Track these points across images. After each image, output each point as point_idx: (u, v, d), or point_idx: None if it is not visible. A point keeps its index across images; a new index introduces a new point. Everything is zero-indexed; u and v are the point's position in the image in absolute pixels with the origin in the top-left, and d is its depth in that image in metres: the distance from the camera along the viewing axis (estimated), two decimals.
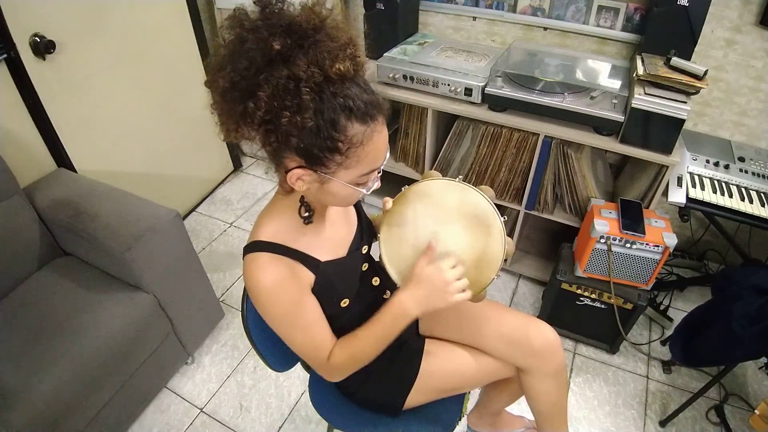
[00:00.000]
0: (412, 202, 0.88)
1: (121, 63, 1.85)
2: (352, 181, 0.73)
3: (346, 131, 0.66)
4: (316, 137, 0.66)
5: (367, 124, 0.68)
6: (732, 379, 1.69)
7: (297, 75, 0.62)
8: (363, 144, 0.68)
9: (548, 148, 1.64)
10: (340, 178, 0.72)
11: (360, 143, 0.68)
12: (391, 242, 0.90)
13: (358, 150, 0.68)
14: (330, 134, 0.66)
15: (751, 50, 1.61)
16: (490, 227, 0.86)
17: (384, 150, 0.74)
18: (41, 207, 1.49)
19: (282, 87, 0.62)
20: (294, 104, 0.63)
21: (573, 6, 1.81)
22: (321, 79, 0.63)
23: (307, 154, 0.68)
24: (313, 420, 1.59)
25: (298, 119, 0.63)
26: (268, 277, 0.77)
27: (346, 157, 0.68)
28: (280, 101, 0.63)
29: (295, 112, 0.63)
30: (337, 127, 0.66)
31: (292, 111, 0.63)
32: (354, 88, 0.67)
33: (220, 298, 1.98)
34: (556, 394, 1.11)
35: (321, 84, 0.64)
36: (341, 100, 0.65)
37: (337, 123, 0.66)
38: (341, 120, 0.66)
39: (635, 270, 1.55)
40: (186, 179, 2.38)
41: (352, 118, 0.66)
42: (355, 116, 0.66)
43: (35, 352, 1.24)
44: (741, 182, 1.52)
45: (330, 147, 0.67)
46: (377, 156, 0.72)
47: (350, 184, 0.73)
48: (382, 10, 1.90)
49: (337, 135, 0.66)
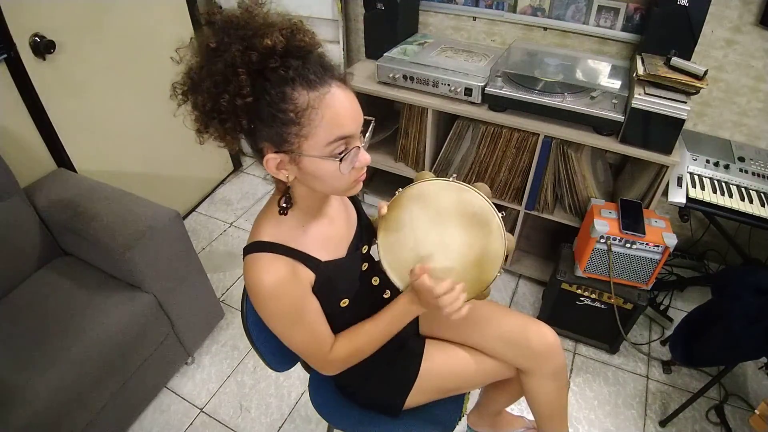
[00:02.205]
0: (408, 205, 0.87)
1: (121, 63, 1.85)
2: (323, 152, 0.71)
3: (293, 100, 0.67)
4: (267, 114, 0.67)
5: (316, 88, 0.67)
6: (732, 379, 1.69)
7: (231, 61, 0.64)
8: (314, 107, 0.67)
9: (548, 148, 1.64)
10: (308, 151, 0.70)
11: (310, 107, 0.67)
12: (390, 248, 0.88)
13: (310, 114, 0.67)
14: (279, 107, 0.66)
15: (751, 50, 1.61)
16: (488, 225, 0.85)
17: (347, 114, 0.71)
18: (41, 207, 1.49)
19: (219, 74, 0.65)
20: (232, 87, 0.65)
21: (573, 6, 1.81)
22: (257, 58, 0.64)
23: (270, 136, 0.70)
24: (313, 420, 1.59)
25: (239, 100, 0.65)
26: (270, 278, 0.77)
27: (301, 126, 0.68)
28: (219, 88, 0.65)
29: (234, 94, 0.65)
30: (284, 98, 0.66)
31: (231, 93, 0.65)
32: (297, 62, 0.67)
33: (220, 298, 1.98)
34: (556, 395, 1.11)
35: (258, 63, 0.65)
36: (282, 72, 0.66)
37: (283, 95, 0.66)
38: (286, 91, 0.66)
39: (635, 270, 1.55)
40: (186, 179, 2.38)
41: (297, 87, 0.67)
42: (300, 84, 0.67)
43: (35, 352, 1.24)
44: (741, 182, 1.52)
45: (283, 120, 0.67)
46: (337, 119, 0.69)
47: (324, 158, 0.71)
48: (382, 10, 1.90)
49: (285, 105, 0.66)
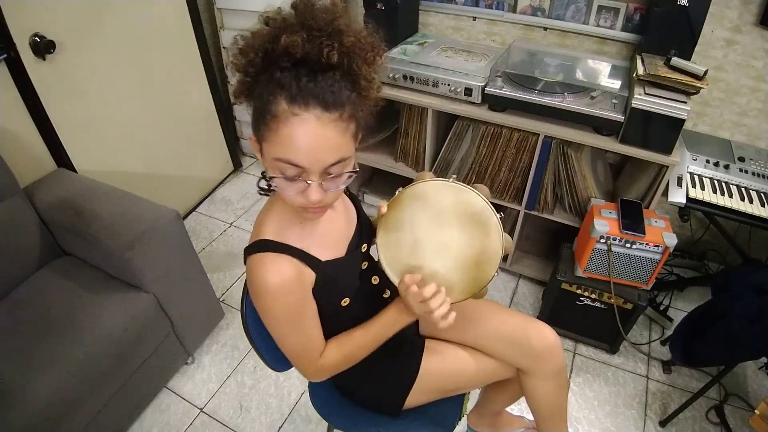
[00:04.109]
0: (407, 205, 0.88)
1: (121, 63, 1.85)
2: (270, 162, 0.71)
3: (273, 102, 0.68)
4: (256, 96, 0.70)
5: (293, 104, 0.67)
6: (732, 379, 1.69)
7: (269, 36, 0.68)
8: (280, 121, 0.67)
9: (548, 148, 1.64)
10: (264, 151, 0.72)
11: (276, 118, 0.67)
12: (389, 247, 0.89)
13: (273, 125, 0.68)
14: (264, 98, 0.68)
15: (751, 50, 1.61)
16: (487, 225, 0.86)
17: (303, 146, 0.68)
18: (41, 207, 1.49)
19: (257, 51, 0.69)
20: (250, 61, 0.70)
21: (573, 6, 1.81)
22: (280, 51, 0.66)
23: (254, 116, 0.72)
24: (313, 420, 1.59)
25: (252, 70, 0.70)
26: (274, 278, 0.77)
27: (267, 127, 0.69)
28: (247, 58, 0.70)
29: (248, 67, 0.70)
30: (273, 93, 0.68)
31: (246, 67, 0.70)
32: (303, 71, 0.67)
33: (220, 298, 1.98)
34: (556, 395, 1.11)
35: (278, 56, 0.67)
36: (284, 74, 0.67)
37: (273, 92, 0.68)
38: (276, 91, 0.68)
39: (635, 270, 1.55)
40: (186, 179, 2.38)
41: (284, 93, 0.67)
42: (286, 93, 0.67)
43: (35, 352, 1.24)
44: (741, 182, 1.52)
45: (260, 110, 0.70)
46: (291, 143, 0.67)
47: (272, 167, 0.71)
48: (382, 10, 1.89)
49: (267, 104, 0.68)
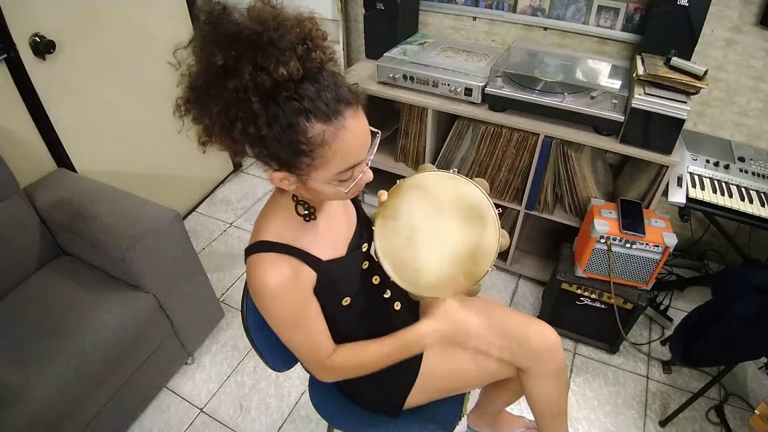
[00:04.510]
0: (407, 194, 0.89)
1: (122, 63, 1.85)
2: (330, 179, 0.71)
3: (306, 133, 0.64)
4: (279, 143, 0.64)
5: (330, 122, 0.65)
6: (732, 379, 1.69)
7: (243, 85, 0.60)
8: (328, 143, 0.65)
9: (548, 148, 1.64)
10: (317, 178, 0.70)
11: (324, 143, 0.65)
12: (385, 235, 0.89)
13: (323, 150, 0.66)
14: (291, 138, 0.64)
15: (751, 50, 1.61)
16: (484, 219, 0.86)
17: (359, 145, 0.70)
18: (41, 207, 1.49)
19: (231, 99, 0.61)
20: (245, 115, 0.62)
21: (573, 6, 1.81)
22: (270, 84, 0.60)
23: (278, 159, 0.67)
24: (313, 420, 1.59)
25: (252, 129, 0.62)
26: (274, 279, 0.77)
27: (313, 159, 0.66)
28: (231, 114, 0.62)
29: (247, 123, 0.62)
30: (296, 129, 0.63)
31: (245, 121, 0.62)
32: (312, 87, 0.64)
33: (220, 298, 1.98)
34: (556, 395, 1.11)
35: (271, 90, 0.61)
36: (296, 104, 0.62)
37: (295, 126, 0.63)
38: (300, 122, 0.63)
39: (635, 270, 1.55)
40: (186, 179, 2.38)
41: (312, 119, 0.63)
42: (314, 116, 0.63)
43: (35, 352, 1.24)
44: (741, 182, 1.52)
45: (294, 150, 0.65)
46: (350, 152, 0.68)
47: (331, 183, 0.71)
48: (382, 10, 1.90)
49: (298, 137, 0.64)
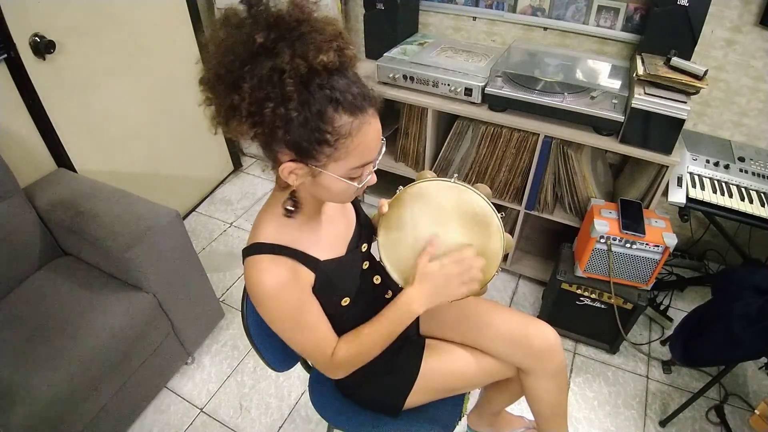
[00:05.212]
0: (409, 204, 0.88)
1: (121, 63, 1.85)
2: (344, 174, 0.72)
3: (333, 122, 0.66)
4: (304, 129, 0.66)
5: (356, 115, 0.67)
6: (732, 379, 1.69)
7: (280, 67, 0.62)
8: (352, 135, 0.68)
9: (548, 148, 1.64)
10: (332, 171, 0.71)
11: (349, 134, 0.67)
12: (390, 246, 0.89)
13: (347, 141, 0.68)
14: (317, 125, 0.66)
15: (751, 50, 1.61)
16: (488, 225, 0.86)
17: (375, 144, 0.73)
18: (41, 207, 1.49)
19: (265, 79, 0.62)
20: (278, 96, 0.63)
21: (573, 6, 1.81)
22: (306, 70, 0.63)
23: (297, 147, 0.68)
24: (313, 420, 1.59)
25: (282, 110, 0.63)
26: (270, 280, 0.77)
27: (336, 149, 0.68)
28: (263, 93, 0.63)
29: (278, 104, 0.63)
30: (324, 118, 0.66)
31: (276, 102, 0.63)
32: (342, 80, 0.67)
33: (220, 298, 1.98)
34: (556, 395, 1.11)
35: (306, 75, 0.63)
36: (328, 92, 0.65)
37: (324, 114, 0.65)
38: (328, 111, 0.66)
39: (635, 270, 1.55)
40: (186, 179, 2.38)
41: (340, 110, 0.66)
42: (342, 107, 0.66)
43: (35, 352, 1.24)
44: (741, 182, 1.52)
45: (318, 138, 0.66)
46: (368, 148, 0.72)
47: (343, 178, 0.72)
48: (382, 10, 1.90)
49: (325, 126, 0.66)
